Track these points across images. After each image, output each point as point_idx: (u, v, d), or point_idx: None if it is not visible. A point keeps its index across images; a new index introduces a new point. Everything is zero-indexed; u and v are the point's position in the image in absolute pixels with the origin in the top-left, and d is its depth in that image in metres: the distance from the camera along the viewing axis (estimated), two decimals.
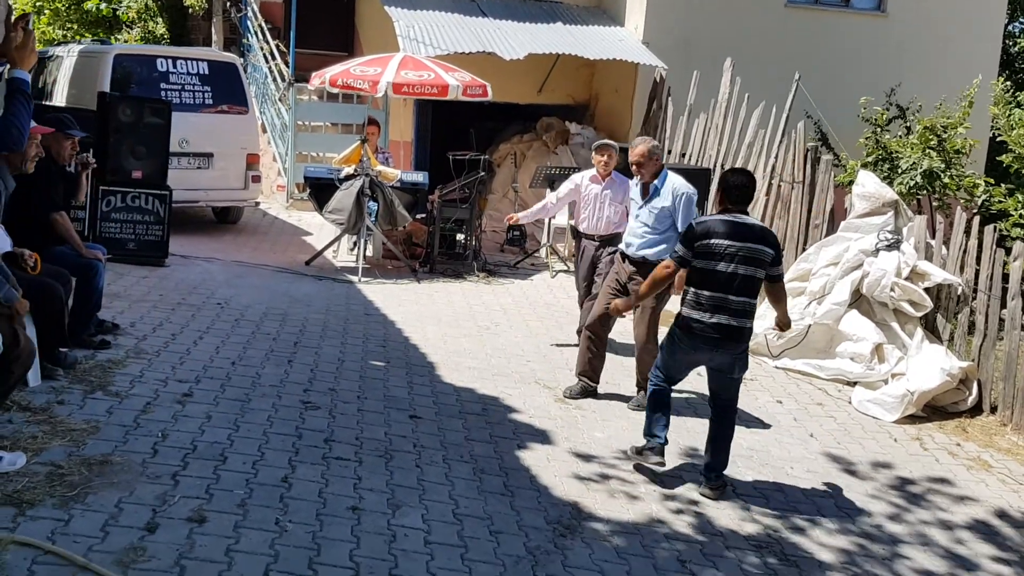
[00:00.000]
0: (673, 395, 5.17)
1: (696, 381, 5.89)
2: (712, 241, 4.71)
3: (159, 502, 3.85)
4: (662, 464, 4.95)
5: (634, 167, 5.95)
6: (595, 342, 6.12)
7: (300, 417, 5.03)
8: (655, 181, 5.88)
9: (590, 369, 6.14)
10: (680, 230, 5.52)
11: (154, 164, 8.35)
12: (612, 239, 6.73)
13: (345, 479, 4.37)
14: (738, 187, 4.80)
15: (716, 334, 4.72)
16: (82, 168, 6.35)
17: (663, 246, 5.80)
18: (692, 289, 4.81)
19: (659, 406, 5.03)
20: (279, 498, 4.06)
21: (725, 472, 5.01)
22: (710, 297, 4.72)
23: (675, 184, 5.87)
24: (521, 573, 3.85)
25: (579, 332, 6.72)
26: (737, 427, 5.84)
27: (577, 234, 7.11)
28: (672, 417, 5.14)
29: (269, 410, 5.06)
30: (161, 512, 3.76)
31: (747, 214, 4.84)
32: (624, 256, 6.06)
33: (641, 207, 5.95)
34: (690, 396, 6.30)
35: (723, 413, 5.01)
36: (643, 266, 5.83)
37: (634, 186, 6.14)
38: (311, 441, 4.74)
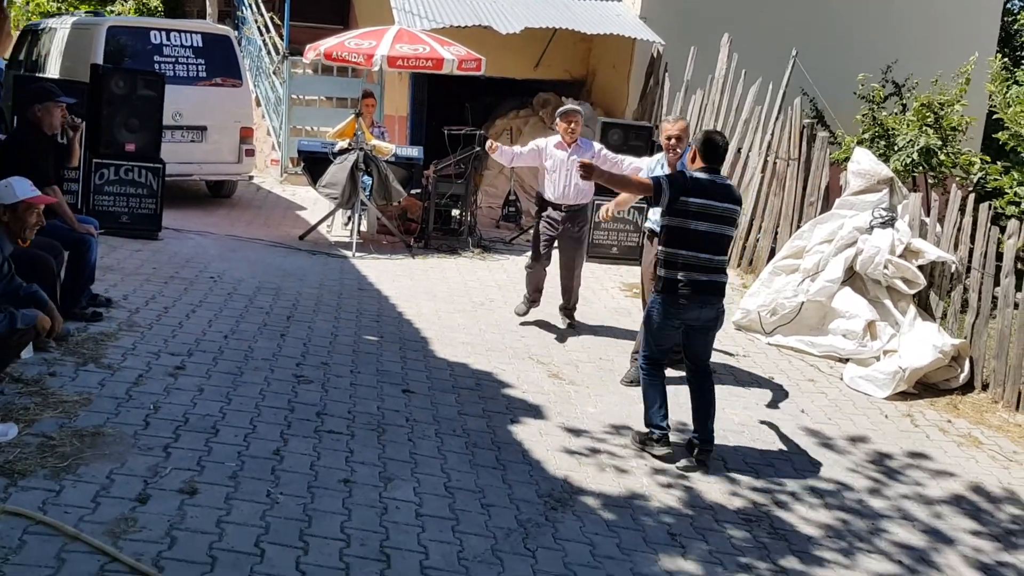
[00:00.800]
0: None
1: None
2: (695, 200, 4.81)
3: (151, 474, 3.86)
4: (670, 455, 4.94)
5: (673, 140, 5.90)
6: None
7: (293, 391, 5.04)
8: (680, 161, 5.79)
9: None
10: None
11: (147, 137, 8.30)
12: (578, 212, 6.75)
13: (337, 452, 4.39)
14: (723, 147, 5.00)
15: (703, 290, 4.85)
16: (73, 131, 6.30)
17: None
18: (672, 250, 4.88)
19: (653, 391, 5.05)
20: (271, 470, 4.07)
21: (715, 444, 5.05)
22: (695, 256, 4.84)
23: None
24: (512, 545, 3.88)
25: (522, 312, 7.04)
26: (729, 402, 5.92)
27: (542, 201, 6.95)
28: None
29: (262, 383, 5.06)
30: (152, 483, 3.78)
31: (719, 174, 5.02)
32: (653, 234, 5.94)
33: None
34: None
35: (703, 380, 5.09)
36: (651, 237, 6.13)
37: (659, 165, 6.10)
38: (303, 415, 4.75)
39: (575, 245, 6.94)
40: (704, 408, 5.02)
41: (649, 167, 6.26)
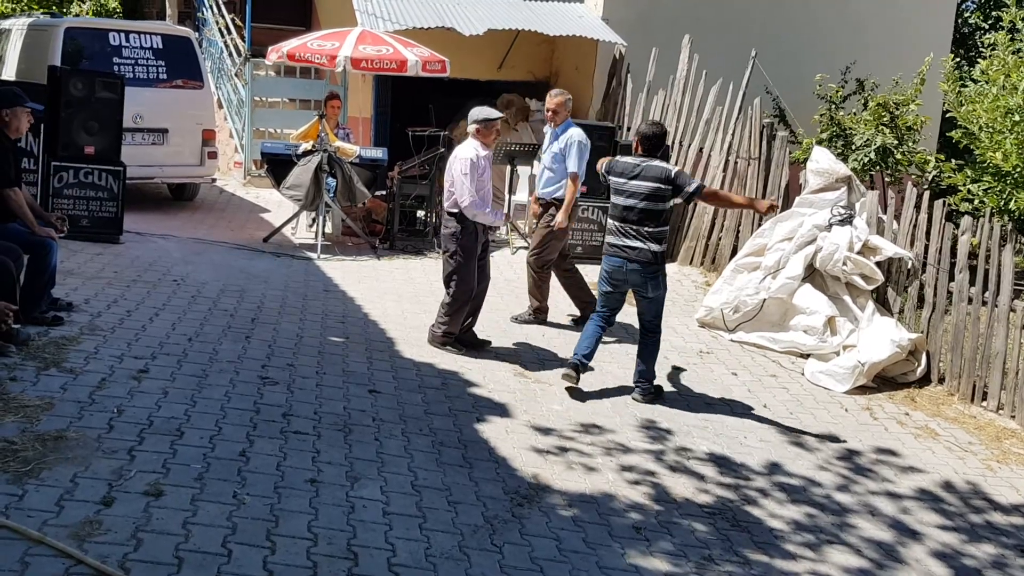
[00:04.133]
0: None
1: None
2: (616, 179, 5.83)
3: (115, 476, 3.83)
4: (571, 379, 5.78)
5: (550, 112, 7.01)
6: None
7: (258, 392, 5.03)
8: (557, 129, 6.99)
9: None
10: (570, 169, 6.86)
11: (107, 139, 8.21)
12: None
13: (303, 452, 4.39)
14: (651, 136, 5.85)
15: (623, 254, 5.78)
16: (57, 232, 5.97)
17: (559, 184, 6.98)
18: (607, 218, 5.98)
19: (586, 331, 5.96)
20: (237, 472, 4.06)
21: (660, 388, 5.95)
22: (612, 223, 5.85)
23: (571, 132, 6.94)
24: (479, 542, 3.90)
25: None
26: (692, 399, 6.02)
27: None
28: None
29: (227, 385, 5.04)
30: (117, 486, 3.75)
31: (656, 158, 5.80)
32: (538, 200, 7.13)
33: (545, 151, 7.06)
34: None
35: (647, 334, 5.98)
36: (547, 206, 7.02)
37: (547, 135, 7.14)
38: (269, 416, 4.74)
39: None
40: (642, 353, 5.94)
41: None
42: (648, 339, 5.95)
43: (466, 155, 6.14)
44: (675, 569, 3.96)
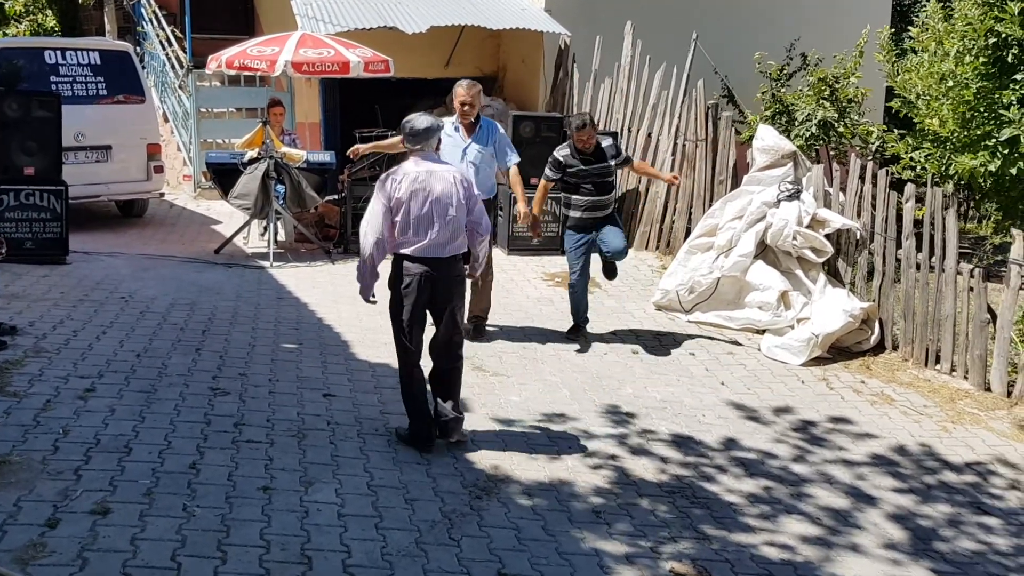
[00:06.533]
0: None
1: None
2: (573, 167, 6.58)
3: (61, 498, 3.77)
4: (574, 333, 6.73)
5: (466, 107, 6.31)
6: None
7: (209, 404, 4.96)
8: (483, 123, 6.52)
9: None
10: (516, 160, 6.61)
11: (46, 159, 8.06)
12: None
13: (256, 461, 4.34)
14: (574, 126, 6.52)
15: (594, 217, 6.66)
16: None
17: (493, 182, 6.75)
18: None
19: (574, 299, 6.76)
20: (187, 484, 4.01)
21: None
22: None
23: (495, 124, 6.60)
24: (436, 537, 3.88)
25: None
26: (650, 379, 6.05)
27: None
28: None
29: (176, 399, 4.97)
30: (63, 507, 3.69)
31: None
32: None
33: (468, 146, 6.40)
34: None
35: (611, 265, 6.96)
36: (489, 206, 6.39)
37: (451, 127, 6.26)
38: (220, 426, 4.68)
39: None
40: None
41: (447, 131, 6.01)
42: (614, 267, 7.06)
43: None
44: (633, 549, 3.97)
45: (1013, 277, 6.07)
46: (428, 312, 4.76)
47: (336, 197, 9.51)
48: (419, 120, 4.70)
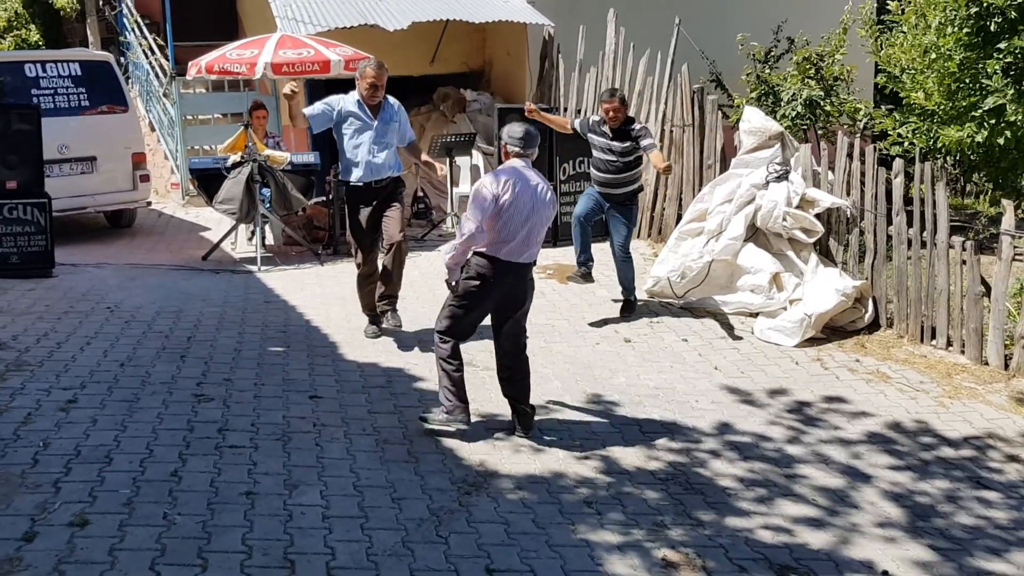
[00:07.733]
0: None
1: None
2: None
3: (39, 511, 3.70)
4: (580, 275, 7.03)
5: (377, 89, 6.16)
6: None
7: (192, 411, 4.89)
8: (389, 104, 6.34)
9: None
10: (409, 135, 6.45)
11: (28, 172, 7.98)
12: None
13: (239, 466, 4.27)
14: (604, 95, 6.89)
15: (604, 193, 6.94)
16: None
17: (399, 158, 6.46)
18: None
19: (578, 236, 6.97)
20: (168, 492, 3.94)
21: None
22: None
23: (392, 101, 6.35)
24: (424, 535, 3.81)
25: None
26: (643, 367, 5.98)
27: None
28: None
29: (159, 407, 4.90)
30: (40, 520, 3.62)
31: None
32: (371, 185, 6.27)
33: (377, 124, 6.21)
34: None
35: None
36: (396, 183, 6.36)
37: (356, 106, 6.19)
38: (203, 433, 4.61)
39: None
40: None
41: (351, 109, 6.24)
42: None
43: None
44: (626, 539, 3.90)
45: (1005, 248, 5.99)
46: (490, 314, 4.92)
47: (324, 199, 9.44)
48: (523, 127, 4.90)
